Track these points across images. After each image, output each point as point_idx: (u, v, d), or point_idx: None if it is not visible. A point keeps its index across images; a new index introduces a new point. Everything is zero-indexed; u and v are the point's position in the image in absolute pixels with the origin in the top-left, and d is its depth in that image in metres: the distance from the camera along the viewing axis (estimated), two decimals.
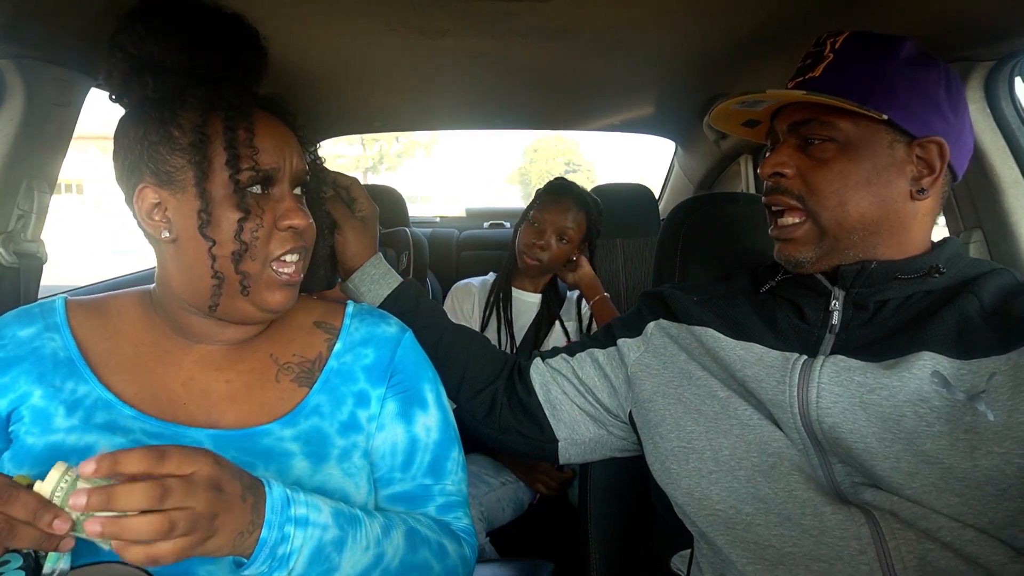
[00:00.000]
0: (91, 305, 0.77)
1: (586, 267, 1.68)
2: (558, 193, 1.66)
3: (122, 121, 0.71)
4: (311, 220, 0.75)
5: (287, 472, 0.69)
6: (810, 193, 0.76)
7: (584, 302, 1.71)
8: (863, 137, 0.75)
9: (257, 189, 0.70)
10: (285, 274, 0.72)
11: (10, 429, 0.69)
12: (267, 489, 0.60)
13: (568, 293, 1.76)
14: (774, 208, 0.80)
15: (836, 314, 0.76)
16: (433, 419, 0.81)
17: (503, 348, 1.65)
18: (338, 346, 0.80)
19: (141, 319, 0.76)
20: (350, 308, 0.84)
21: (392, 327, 0.84)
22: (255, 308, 0.72)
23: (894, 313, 0.75)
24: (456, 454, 0.82)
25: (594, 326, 1.68)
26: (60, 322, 0.74)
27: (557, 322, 1.68)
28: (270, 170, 0.70)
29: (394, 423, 0.79)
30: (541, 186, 1.75)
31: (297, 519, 0.61)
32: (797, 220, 0.78)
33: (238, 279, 0.69)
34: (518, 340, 1.66)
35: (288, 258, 0.72)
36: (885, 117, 0.73)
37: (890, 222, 0.75)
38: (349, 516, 0.67)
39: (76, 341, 0.73)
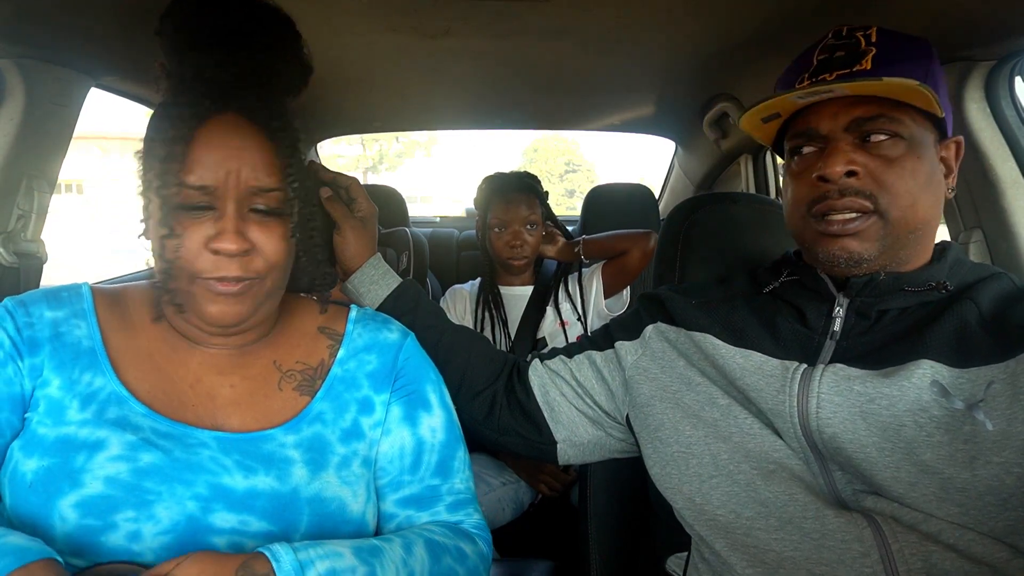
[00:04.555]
0: (113, 295, 0.77)
1: (557, 236, 1.74)
2: (503, 191, 1.71)
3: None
4: (252, 244, 0.68)
5: (286, 479, 0.69)
6: (882, 191, 0.71)
7: (584, 269, 1.74)
8: (921, 135, 0.72)
9: (197, 202, 0.66)
10: (220, 288, 0.68)
11: (26, 415, 0.69)
12: (275, 566, 0.60)
13: (569, 276, 1.78)
14: (847, 215, 0.72)
15: (839, 321, 0.75)
16: (438, 420, 0.81)
17: (499, 346, 1.66)
18: (341, 352, 0.80)
19: (152, 314, 0.76)
20: (353, 313, 0.84)
21: (394, 333, 0.84)
22: (199, 320, 0.71)
23: (894, 321, 0.74)
24: (462, 453, 0.83)
25: (591, 298, 1.71)
26: (87, 309, 0.74)
27: (548, 308, 1.70)
28: (203, 187, 0.66)
29: (400, 427, 0.79)
30: (479, 192, 1.78)
31: None
32: (862, 214, 0.72)
33: (170, 296, 0.69)
34: (513, 334, 1.68)
35: (218, 282, 0.68)
36: (942, 115, 0.71)
37: (933, 225, 0.74)
38: (370, 548, 0.67)
39: (100, 331, 0.73)
